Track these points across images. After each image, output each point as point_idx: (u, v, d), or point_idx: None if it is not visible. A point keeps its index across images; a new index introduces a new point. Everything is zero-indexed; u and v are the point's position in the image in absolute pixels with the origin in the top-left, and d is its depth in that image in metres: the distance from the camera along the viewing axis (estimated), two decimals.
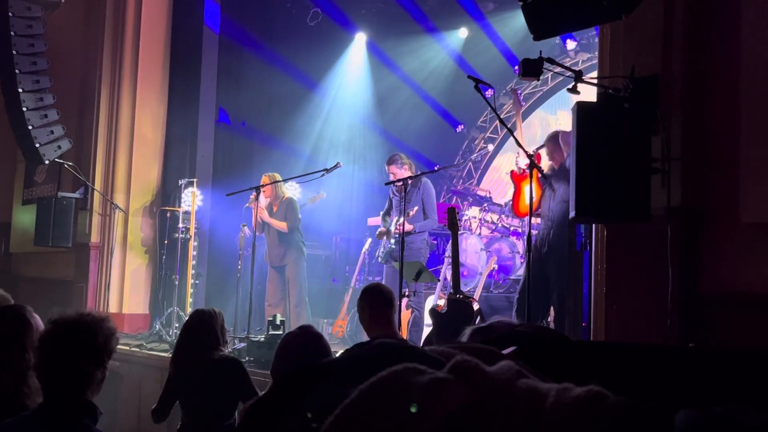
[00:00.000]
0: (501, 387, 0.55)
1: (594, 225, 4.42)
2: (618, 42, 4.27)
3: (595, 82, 4.33)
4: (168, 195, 8.82)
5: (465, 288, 6.87)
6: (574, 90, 4.04)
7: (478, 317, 5.42)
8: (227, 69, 9.21)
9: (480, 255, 8.34)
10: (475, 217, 9.21)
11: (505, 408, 0.54)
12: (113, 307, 8.48)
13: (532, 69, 4.01)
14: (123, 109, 8.85)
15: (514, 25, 9.82)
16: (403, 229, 5.96)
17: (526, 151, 5.08)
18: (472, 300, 5.58)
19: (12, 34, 7.69)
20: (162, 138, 9.06)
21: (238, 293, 7.27)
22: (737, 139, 3.84)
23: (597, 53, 5.01)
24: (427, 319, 6.31)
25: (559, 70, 4.38)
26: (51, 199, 8.70)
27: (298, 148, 10.12)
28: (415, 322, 6.70)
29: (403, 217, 6.10)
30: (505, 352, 0.84)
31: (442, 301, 6.22)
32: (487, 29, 10.45)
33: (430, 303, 6.51)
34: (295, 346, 2.90)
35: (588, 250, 4.66)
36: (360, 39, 10.74)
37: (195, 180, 8.30)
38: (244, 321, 6.53)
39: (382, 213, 7.29)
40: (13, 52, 7.68)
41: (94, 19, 9.20)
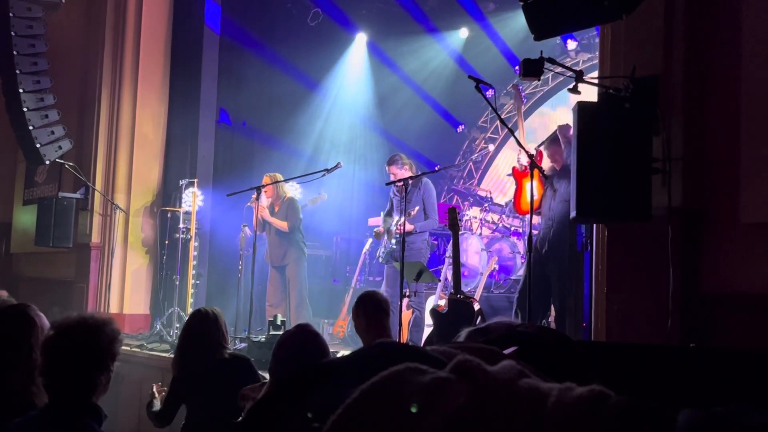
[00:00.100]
0: (503, 387, 0.55)
1: (595, 225, 4.42)
2: (619, 42, 4.27)
3: (595, 82, 4.33)
4: (169, 195, 8.82)
5: (466, 288, 6.87)
6: (575, 90, 4.04)
7: (479, 317, 5.42)
8: (228, 69, 9.21)
9: (481, 255, 8.34)
10: (475, 218, 9.21)
11: (507, 407, 0.54)
12: (114, 307, 8.48)
13: (532, 69, 4.01)
14: (124, 109, 8.85)
15: (514, 25, 9.81)
16: (404, 230, 5.95)
17: (527, 150, 5.07)
18: (473, 300, 5.57)
19: (13, 34, 7.68)
20: (163, 138, 9.06)
21: (238, 293, 7.26)
22: (738, 138, 3.84)
23: (597, 53, 5.00)
24: (427, 319, 6.31)
25: (559, 70, 4.38)
26: (52, 200, 8.70)
27: (298, 148, 10.12)
28: (416, 323, 6.69)
29: (403, 217, 6.10)
30: (506, 352, 0.84)
31: (443, 302, 6.22)
32: (487, 29, 10.45)
33: (430, 303, 6.51)
34: (292, 345, 2.89)
35: (589, 250, 4.66)
36: (360, 39, 10.74)
37: (196, 180, 8.30)
38: (245, 321, 6.52)
39: (384, 213, 7.29)
40: (14, 52, 7.68)
41: (95, 20, 9.20)
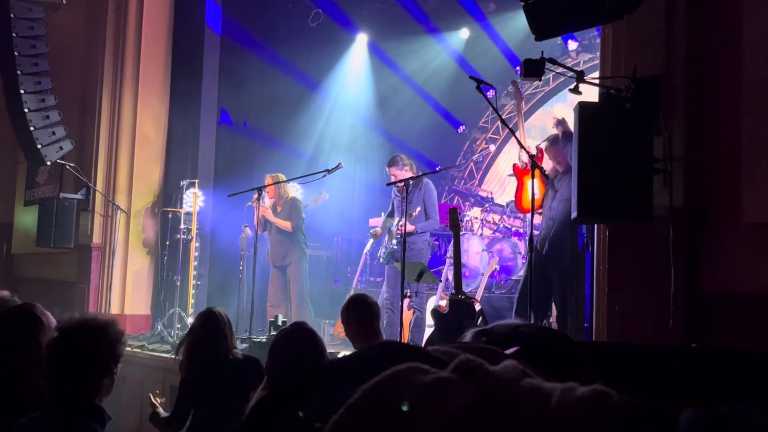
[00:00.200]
0: (505, 386, 0.55)
1: (596, 225, 4.42)
2: (620, 42, 4.27)
3: (596, 82, 4.33)
4: (169, 196, 8.82)
5: (467, 289, 6.86)
6: (576, 90, 4.04)
7: (480, 318, 5.41)
8: (229, 70, 9.21)
9: (482, 255, 8.34)
10: (476, 218, 9.21)
11: (510, 407, 0.54)
12: (115, 308, 8.48)
13: (533, 69, 4.01)
14: (125, 110, 8.86)
15: (515, 25, 9.81)
16: (404, 230, 5.95)
17: (528, 150, 5.07)
18: (474, 300, 5.57)
19: (14, 35, 7.68)
20: (164, 139, 9.07)
21: (239, 294, 7.27)
22: (739, 138, 3.84)
23: (598, 54, 5.00)
24: (428, 319, 6.30)
25: (561, 70, 4.38)
26: (53, 200, 8.70)
27: (299, 148, 10.12)
28: (417, 323, 6.69)
29: (404, 218, 6.10)
30: (507, 352, 0.83)
31: (443, 302, 6.22)
32: (488, 30, 10.44)
33: (431, 304, 6.51)
34: (288, 344, 2.87)
35: (590, 250, 4.66)
36: (361, 39, 10.74)
37: (197, 181, 8.31)
38: (246, 321, 6.52)
39: (385, 214, 7.29)
40: (15, 53, 7.68)
41: (96, 21, 9.21)
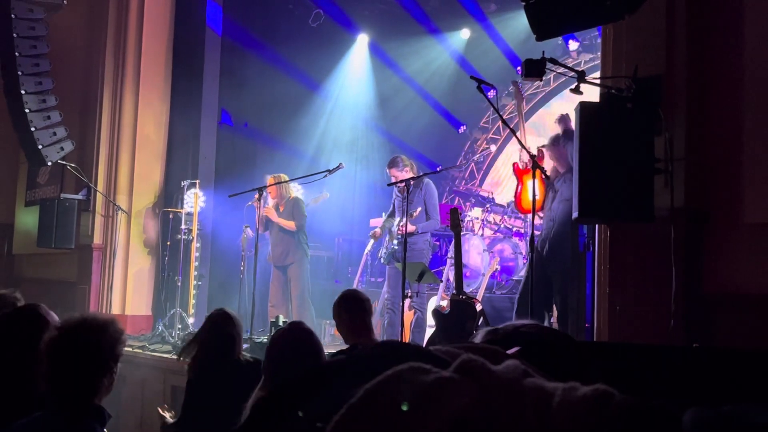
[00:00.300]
0: (507, 386, 0.55)
1: (597, 225, 4.42)
2: (621, 42, 4.27)
3: (598, 82, 4.33)
4: (170, 196, 8.82)
5: (468, 289, 6.85)
6: (577, 90, 4.04)
7: (481, 318, 5.41)
8: (229, 70, 9.21)
9: (483, 256, 8.34)
10: (477, 218, 9.21)
11: (512, 407, 0.54)
12: (116, 308, 8.48)
13: (534, 69, 4.01)
14: (126, 110, 8.86)
15: (516, 25, 9.81)
16: (405, 230, 5.95)
17: (529, 151, 5.06)
18: (475, 301, 5.57)
19: (15, 36, 7.68)
20: (164, 139, 9.06)
21: (240, 294, 7.26)
22: (740, 139, 3.84)
23: (599, 54, 5.00)
24: (429, 320, 6.30)
25: (562, 70, 4.38)
26: (54, 201, 8.70)
27: (300, 149, 10.11)
28: (418, 324, 6.69)
29: (405, 218, 6.09)
30: (509, 352, 0.83)
31: (444, 302, 6.21)
32: (489, 30, 10.44)
33: (432, 304, 6.50)
34: (285, 344, 2.85)
35: (591, 250, 4.66)
36: (362, 40, 10.74)
37: (197, 181, 8.30)
38: (247, 322, 6.51)
39: (386, 214, 7.29)
40: (16, 54, 7.68)
41: (97, 21, 9.21)
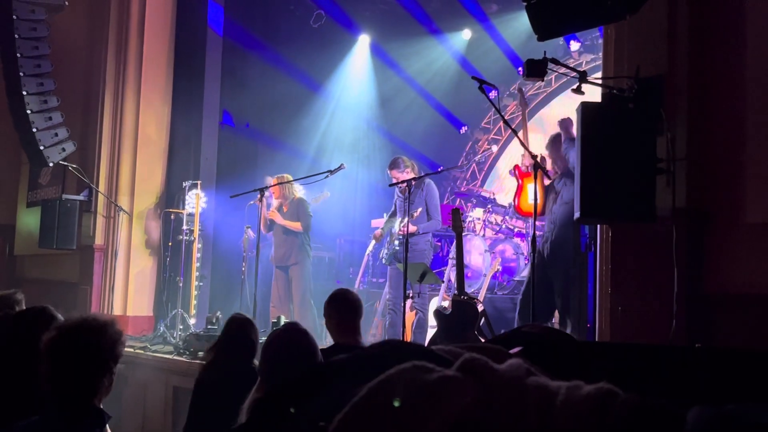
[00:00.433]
0: (511, 385, 0.55)
1: (599, 226, 4.41)
2: (622, 42, 4.26)
3: (599, 82, 4.32)
4: (172, 197, 8.82)
5: (469, 289, 6.84)
6: (578, 90, 4.04)
7: (483, 319, 5.41)
8: (231, 71, 9.21)
9: (484, 256, 8.33)
10: (479, 219, 9.20)
11: (514, 405, 0.53)
12: (117, 309, 8.49)
13: (536, 69, 4.01)
14: (127, 111, 8.86)
15: (517, 26, 9.80)
16: (407, 231, 5.94)
17: (531, 152, 5.06)
18: (477, 301, 5.57)
19: (16, 37, 7.69)
20: (166, 140, 9.07)
21: (242, 295, 7.26)
22: (742, 138, 3.84)
23: (601, 54, 4.99)
24: (431, 320, 6.30)
25: (563, 70, 4.38)
26: (55, 202, 8.70)
27: (301, 149, 10.11)
28: (420, 324, 6.68)
29: (406, 219, 6.09)
30: (511, 351, 0.83)
31: (446, 303, 6.21)
32: (490, 30, 10.44)
33: (434, 304, 6.50)
34: (280, 344, 2.84)
35: (593, 250, 4.65)
36: (363, 41, 10.74)
37: (199, 182, 8.31)
38: None
39: (387, 215, 7.29)
40: (18, 54, 7.69)
41: (98, 22, 9.21)
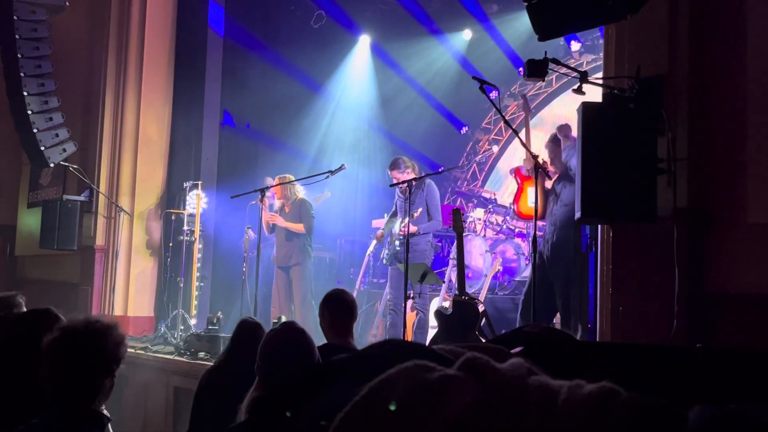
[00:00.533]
0: (512, 384, 0.55)
1: (599, 226, 4.41)
2: (623, 42, 4.26)
3: (600, 82, 4.32)
4: (173, 197, 8.82)
5: (470, 290, 6.84)
6: (579, 91, 4.03)
7: (484, 319, 5.40)
8: (231, 71, 9.21)
9: (485, 257, 8.33)
10: (479, 219, 9.20)
11: (517, 404, 0.53)
12: (118, 309, 8.49)
13: (537, 69, 4.00)
14: (128, 111, 8.86)
15: (518, 26, 9.80)
16: (407, 231, 5.94)
17: (532, 153, 5.06)
18: (478, 301, 5.56)
19: (17, 37, 7.69)
20: (167, 141, 9.07)
21: (242, 295, 7.26)
22: (743, 139, 3.84)
23: (602, 54, 4.99)
24: (432, 321, 6.30)
25: (564, 70, 4.37)
26: (56, 202, 8.70)
27: (302, 150, 10.11)
28: (420, 324, 6.68)
29: (407, 219, 6.09)
30: (512, 351, 0.83)
31: (447, 303, 6.21)
32: (491, 31, 10.44)
33: (435, 305, 6.50)
34: (277, 344, 2.84)
35: (593, 251, 4.65)
36: (364, 41, 10.74)
37: (200, 182, 8.31)
38: None
39: (388, 215, 7.28)
40: (18, 55, 7.69)
41: (99, 22, 9.22)
